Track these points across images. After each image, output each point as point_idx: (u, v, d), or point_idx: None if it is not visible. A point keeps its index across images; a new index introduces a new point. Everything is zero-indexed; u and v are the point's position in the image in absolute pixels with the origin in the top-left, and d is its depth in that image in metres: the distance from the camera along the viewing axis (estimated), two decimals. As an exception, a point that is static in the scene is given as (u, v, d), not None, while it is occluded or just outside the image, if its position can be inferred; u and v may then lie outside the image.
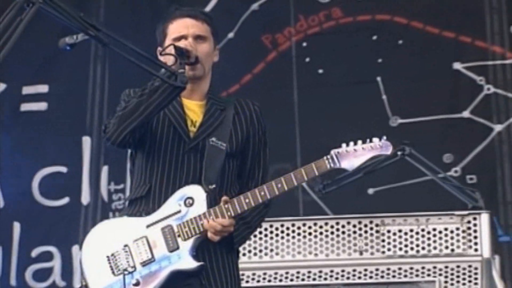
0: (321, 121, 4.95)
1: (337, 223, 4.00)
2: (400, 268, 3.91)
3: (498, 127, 4.88)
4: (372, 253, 3.97)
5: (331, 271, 4.00)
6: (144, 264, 2.96)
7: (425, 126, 4.93)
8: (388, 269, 3.94)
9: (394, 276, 3.91)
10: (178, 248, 2.94)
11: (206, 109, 3.02)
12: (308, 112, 5.03)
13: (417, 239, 3.94)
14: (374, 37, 5.10)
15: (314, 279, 4.01)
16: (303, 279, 3.83)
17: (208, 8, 5.08)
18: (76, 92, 5.35)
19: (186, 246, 2.94)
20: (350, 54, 4.87)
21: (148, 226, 2.99)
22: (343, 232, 4.01)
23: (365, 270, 3.95)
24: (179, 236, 2.95)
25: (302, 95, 5.07)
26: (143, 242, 2.96)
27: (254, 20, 5.21)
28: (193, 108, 3.05)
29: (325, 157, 2.91)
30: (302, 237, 4.01)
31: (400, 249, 3.92)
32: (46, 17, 2.20)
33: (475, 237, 3.90)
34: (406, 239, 3.93)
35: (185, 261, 2.94)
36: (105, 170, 5.30)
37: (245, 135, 3.08)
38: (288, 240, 3.99)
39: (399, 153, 3.85)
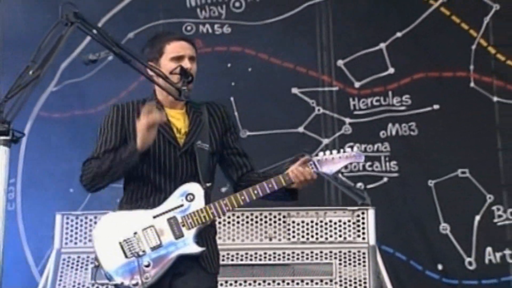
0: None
1: (252, 214, 4.37)
2: (302, 252, 4.30)
3: (325, 141, 5.47)
4: (279, 239, 4.35)
5: (246, 254, 4.35)
6: (153, 249, 3.11)
7: (268, 138, 5.46)
8: (293, 252, 4.31)
9: (298, 259, 4.29)
10: (183, 236, 3.13)
11: (189, 117, 3.20)
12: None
13: (317, 228, 4.34)
14: (229, 65, 5.58)
15: (232, 260, 4.33)
16: (223, 260, 3.90)
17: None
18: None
19: (190, 234, 3.13)
20: (209, 77, 5.11)
21: (154, 217, 3.13)
22: (256, 222, 4.36)
23: (274, 253, 4.32)
24: (183, 226, 3.12)
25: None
26: (151, 230, 3.10)
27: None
28: (177, 116, 3.22)
29: (309, 160, 3.14)
30: (222, 225, 4.32)
31: (303, 236, 4.34)
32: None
33: (363, 228, 4.33)
34: (307, 229, 4.34)
35: (190, 246, 3.13)
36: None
37: (221, 134, 3.28)
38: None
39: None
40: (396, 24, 5.54)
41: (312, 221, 4.38)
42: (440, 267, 5.24)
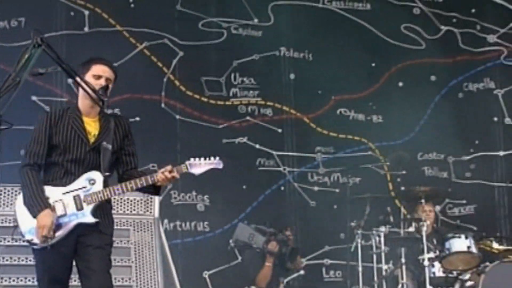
0: None
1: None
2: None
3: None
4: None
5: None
6: (60, 217, 3.94)
7: None
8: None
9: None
10: (83, 209, 3.97)
11: (100, 124, 4.07)
12: None
13: (121, 204, 5.32)
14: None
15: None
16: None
17: None
18: None
19: (88, 208, 3.97)
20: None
21: (64, 193, 3.98)
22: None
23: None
24: (84, 202, 3.97)
25: None
26: (60, 203, 3.95)
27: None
28: (90, 123, 4.10)
29: (183, 165, 4.08)
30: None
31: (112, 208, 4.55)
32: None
33: (151, 204, 5.40)
34: (116, 204, 5.18)
35: (87, 217, 3.97)
36: None
37: (121, 138, 4.13)
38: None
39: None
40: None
41: (121, 198, 5.37)
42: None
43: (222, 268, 7.45)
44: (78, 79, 3.82)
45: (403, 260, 6.64)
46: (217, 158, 4.17)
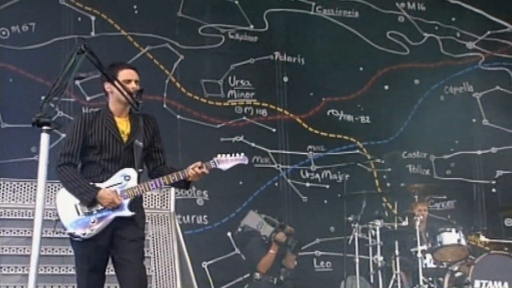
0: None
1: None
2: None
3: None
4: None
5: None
6: (98, 211, 4.05)
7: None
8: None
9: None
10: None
11: (131, 124, 4.17)
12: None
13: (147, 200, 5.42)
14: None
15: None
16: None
17: None
18: None
19: (125, 202, 4.08)
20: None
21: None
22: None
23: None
24: (121, 196, 4.06)
25: None
26: None
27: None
28: (122, 123, 4.20)
29: (211, 161, 4.19)
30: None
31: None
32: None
33: (167, 200, 5.56)
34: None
35: (125, 211, 4.08)
36: None
37: (151, 136, 4.24)
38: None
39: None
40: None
41: (152, 194, 5.51)
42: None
43: (220, 259, 7.67)
44: (117, 83, 4.03)
45: (397, 252, 6.82)
46: (242, 154, 4.27)
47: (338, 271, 7.43)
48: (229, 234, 7.68)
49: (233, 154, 4.27)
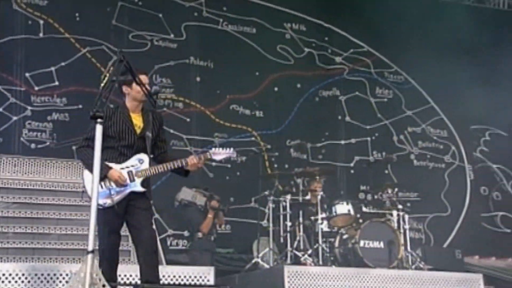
0: None
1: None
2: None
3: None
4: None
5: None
6: (118, 186, 4.49)
7: None
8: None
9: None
10: (134, 180, 4.54)
11: (143, 118, 4.56)
12: None
13: None
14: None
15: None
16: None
17: None
18: None
19: (138, 180, 4.55)
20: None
21: (120, 169, 4.54)
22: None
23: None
24: (136, 176, 4.52)
25: None
26: None
27: None
28: (136, 118, 4.63)
29: (207, 153, 4.68)
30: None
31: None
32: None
33: None
34: None
35: (138, 187, 4.53)
36: None
37: (158, 128, 4.66)
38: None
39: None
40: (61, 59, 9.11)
41: None
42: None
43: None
44: (143, 87, 4.61)
45: (300, 219, 7.78)
46: (232, 148, 4.83)
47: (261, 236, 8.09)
48: (176, 201, 8.32)
49: (225, 148, 4.89)
